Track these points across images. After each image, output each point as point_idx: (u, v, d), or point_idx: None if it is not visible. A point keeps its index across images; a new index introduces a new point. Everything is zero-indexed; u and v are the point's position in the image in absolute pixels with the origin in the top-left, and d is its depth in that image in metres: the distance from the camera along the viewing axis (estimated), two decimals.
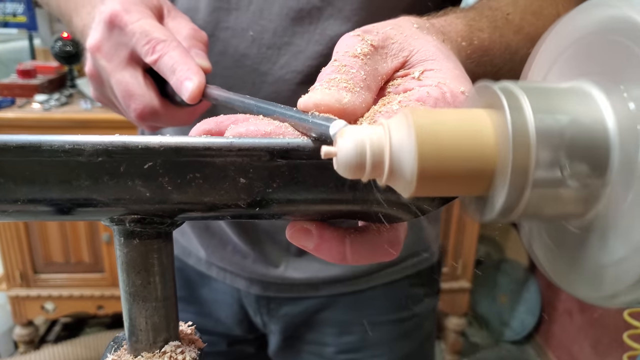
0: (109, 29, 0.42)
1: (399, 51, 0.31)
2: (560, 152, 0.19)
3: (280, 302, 0.69)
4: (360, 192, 0.26)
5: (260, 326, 0.72)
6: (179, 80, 0.40)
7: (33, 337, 1.90)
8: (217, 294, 0.71)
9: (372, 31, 0.31)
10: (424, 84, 0.29)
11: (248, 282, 0.68)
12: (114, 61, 0.43)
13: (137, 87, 0.43)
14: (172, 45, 0.41)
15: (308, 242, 0.28)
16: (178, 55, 0.41)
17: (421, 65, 0.30)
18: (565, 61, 0.22)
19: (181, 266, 0.72)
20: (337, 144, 0.21)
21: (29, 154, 0.23)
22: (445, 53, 0.31)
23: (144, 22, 0.42)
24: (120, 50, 0.43)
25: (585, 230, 0.20)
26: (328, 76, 0.28)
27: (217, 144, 0.24)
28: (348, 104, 0.26)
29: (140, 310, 0.29)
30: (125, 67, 0.43)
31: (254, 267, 0.66)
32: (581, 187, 0.20)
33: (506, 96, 0.19)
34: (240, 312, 0.71)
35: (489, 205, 0.20)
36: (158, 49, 0.41)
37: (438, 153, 0.19)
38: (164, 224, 0.27)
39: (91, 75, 0.46)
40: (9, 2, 2.19)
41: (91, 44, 0.43)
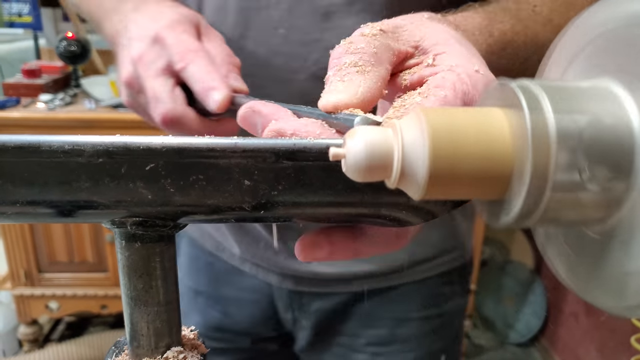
0: (153, 43, 0.45)
1: (409, 37, 0.31)
2: (579, 154, 0.18)
3: (312, 296, 0.69)
4: (369, 195, 0.25)
5: (289, 323, 0.72)
6: (203, 89, 0.42)
7: (37, 336, 1.90)
8: (245, 291, 0.72)
9: (383, 22, 0.31)
10: (437, 69, 0.29)
11: (280, 277, 0.68)
12: (151, 70, 0.45)
13: (164, 93, 0.45)
14: (200, 55, 0.43)
15: (320, 253, 0.28)
16: (205, 65, 0.43)
17: (433, 49, 0.30)
18: (585, 58, 0.21)
19: (213, 262, 0.73)
20: (346, 146, 0.20)
21: (28, 155, 0.22)
22: (456, 37, 0.31)
23: (183, 36, 0.45)
24: (159, 60, 0.45)
25: (607, 236, 0.19)
26: (338, 61, 0.29)
27: (220, 145, 0.23)
28: (365, 93, 0.27)
29: (142, 314, 0.28)
30: (158, 75, 0.45)
31: (286, 262, 0.66)
32: (602, 190, 0.19)
33: (525, 95, 0.18)
34: (269, 309, 0.72)
35: (505, 209, 0.19)
36: (187, 57, 0.43)
37: (452, 154, 0.18)
38: (166, 226, 0.26)
39: (127, 83, 0.48)
40: (14, 3, 2.19)
41: (134, 55, 0.46)
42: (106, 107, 1.69)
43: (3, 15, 2.22)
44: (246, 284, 0.71)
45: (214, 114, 0.43)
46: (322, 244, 0.28)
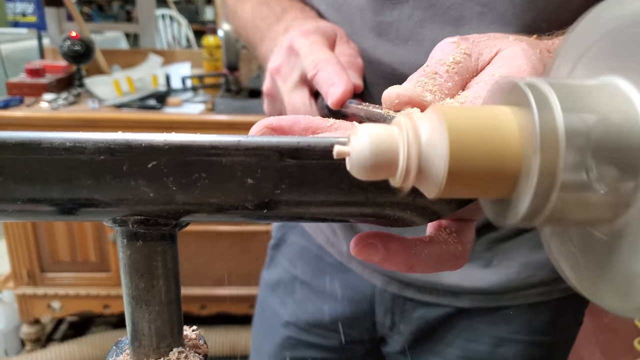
0: (288, 54, 0.48)
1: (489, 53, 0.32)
2: (587, 153, 0.18)
3: (416, 304, 0.68)
4: (373, 194, 0.25)
5: (384, 327, 0.71)
6: (327, 88, 0.44)
7: (40, 336, 1.91)
8: (348, 289, 0.71)
9: (468, 39, 0.32)
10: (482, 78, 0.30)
11: (387, 280, 0.67)
12: (288, 82, 0.48)
13: (302, 106, 0.47)
14: (331, 63, 0.45)
15: (374, 256, 0.28)
16: (333, 70, 0.44)
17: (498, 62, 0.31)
18: (594, 56, 0.21)
19: (321, 255, 0.73)
20: (350, 143, 0.20)
21: (29, 152, 0.22)
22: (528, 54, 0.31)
23: (315, 47, 0.47)
24: (294, 72, 0.48)
25: (615, 237, 0.19)
26: (416, 78, 0.29)
27: (223, 143, 0.23)
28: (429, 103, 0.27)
29: (143, 314, 0.28)
30: (295, 87, 0.48)
31: None
32: (610, 190, 0.18)
33: (533, 93, 0.18)
34: (367, 310, 0.71)
35: (512, 209, 0.19)
36: (319, 65, 0.45)
37: (467, 152, 0.18)
38: (168, 225, 0.26)
39: (268, 94, 0.52)
40: (18, 2, 2.20)
41: (272, 67, 0.49)
42: (110, 107, 1.70)
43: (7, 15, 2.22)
44: (350, 281, 0.71)
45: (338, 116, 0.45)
46: (378, 247, 0.28)
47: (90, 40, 1.84)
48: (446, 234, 0.29)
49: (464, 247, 0.29)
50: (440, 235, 0.29)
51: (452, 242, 0.29)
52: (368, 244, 0.28)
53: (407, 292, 0.67)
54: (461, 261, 0.29)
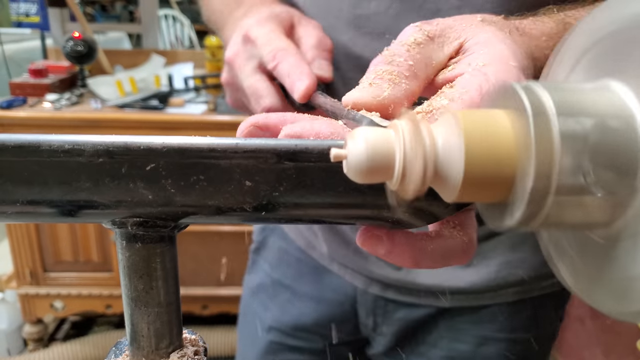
0: (244, 43, 0.48)
1: (455, 39, 0.31)
2: (584, 157, 0.18)
3: (398, 305, 0.68)
4: (371, 196, 0.25)
5: (367, 328, 0.71)
6: (292, 82, 0.44)
7: (42, 335, 1.91)
8: (330, 291, 0.71)
9: (432, 22, 0.32)
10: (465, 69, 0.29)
11: (368, 281, 0.67)
12: (246, 70, 0.48)
13: (264, 89, 0.48)
14: (290, 53, 0.45)
15: (380, 248, 0.28)
16: (294, 61, 0.44)
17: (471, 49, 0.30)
18: (591, 59, 0.20)
19: (302, 257, 0.73)
20: (347, 147, 0.20)
21: (28, 154, 0.22)
22: (500, 37, 0.31)
23: (272, 35, 0.47)
24: (251, 60, 0.48)
25: (612, 240, 0.19)
26: (375, 68, 0.29)
27: (222, 145, 0.23)
28: (386, 99, 0.27)
29: (142, 315, 0.28)
30: (253, 74, 0.48)
31: (375, 267, 0.65)
32: (607, 194, 0.18)
33: (528, 97, 0.18)
34: (350, 311, 0.71)
35: (508, 213, 0.19)
36: (278, 56, 0.45)
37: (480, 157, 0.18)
38: (167, 227, 0.26)
39: (227, 84, 0.52)
40: (22, 3, 2.21)
41: (229, 56, 0.49)
42: (112, 107, 1.70)
43: (11, 15, 2.23)
44: (332, 283, 0.71)
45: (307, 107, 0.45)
46: (384, 239, 0.27)
47: (93, 40, 1.84)
48: (451, 227, 0.29)
49: (470, 239, 0.29)
50: (445, 229, 0.28)
51: (457, 235, 0.28)
52: (374, 236, 0.28)
53: (388, 294, 0.67)
54: (469, 253, 0.28)
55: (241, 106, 0.53)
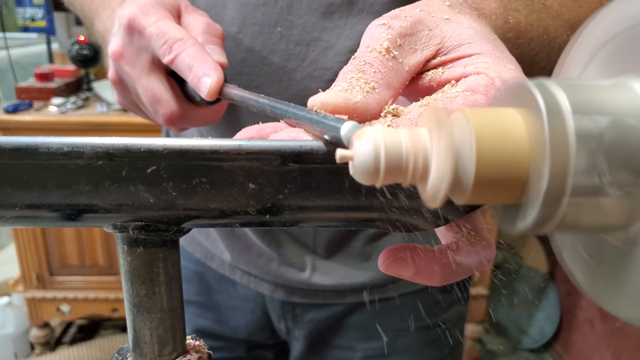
0: (129, 34, 0.42)
1: (429, 39, 0.29)
2: (599, 157, 0.17)
3: (305, 307, 0.68)
4: (378, 199, 0.24)
5: (283, 332, 0.71)
6: (196, 77, 0.40)
7: (49, 339, 1.91)
8: (238, 300, 0.70)
9: (399, 16, 0.29)
10: (468, 71, 0.27)
11: (273, 287, 0.67)
12: (137, 67, 0.43)
13: (163, 93, 0.43)
14: (188, 43, 0.41)
15: (405, 271, 0.26)
16: (195, 52, 0.40)
17: (457, 50, 0.29)
18: (605, 56, 0.20)
19: (202, 271, 0.71)
20: (353, 147, 0.19)
21: (26, 157, 0.22)
22: (482, 33, 0.29)
23: (161, 23, 0.41)
24: (142, 54, 0.43)
25: (630, 244, 0.18)
26: (345, 76, 0.27)
27: (224, 147, 0.22)
28: (359, 104, 0.25)
29: (144, 321, 0.27)
30: (149, 72, 0.43)
31: (279, 270, 0.65)
32: (624, 195, 0.18)
33: (543, 95, 0.17)
34: (262, 318, 0.70)
35: (521, 215, 0.18)
36: (175, 47, 0.41)
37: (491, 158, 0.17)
38: (169, 231, 0.26)
39: (114, 81, 0.46)
40: (28, 7, 2.22)
41: (113, 51, 0.43)
42: (118, 111, 1.70)
43: (17, 20, 2.24)
44: (238, 293, 0.70)
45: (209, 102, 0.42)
46: (409, 262, 0.26)
47: (99, 44, 1.85)
48: (467, 233, 0.28)
49: (488, 240, 0.27)
50: (463, 237, 0.27)
51: (475, 240, 0.27)
52: (398, 259, 0.26)
53: (294, 297, 0.66)
54: (492, 257, 0.27)
55: (133, 108, 0.48)
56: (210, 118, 0.47)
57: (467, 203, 0.18)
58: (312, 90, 0.52)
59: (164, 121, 0.44)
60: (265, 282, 0.67)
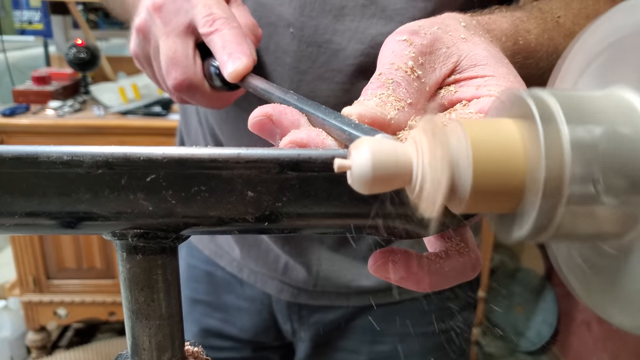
0: None
1: (447, 57, 0.30)
2: (594, 166, 0.18)
3: (311, 309, 0.68)
4: (376, 206, 0.24)
5: (289, 334, 0.71)
6: (227, 56, 0.40)
7: (45, 343, 1.91)
8: (246, 300, 0.70)
9: (418, 32, 0.30)
10: (479, 93, 0.28)
11: (279, 287, 0.67)
12: (170, 25, 0.43)
13: (184, 57, 0.43)
14: (230, 25, 0.42)
15: (394, 274, 0.27)
16: (233, 35, 0.41)
17: (472, 70, 0.29)
18: (599, 66, 0.20)
19: (211, 270, 0.72)
20: (351, 157, 0.19)
21: (26, 166, 0.22)
22: (497, 56, 0.30)
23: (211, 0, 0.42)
24: (180, 15, 0.43)
25: (624, 252, 0.19)
26: (375, 91, 0.27)
27: (223, 156, 0.23)
28: (393, 120, 0.26)
29: (143, 328, 0.27)
30: (179, 34, 0.43)
31: (286, 269, 0.65)
32: (619, 204, 0.18)
33: (537, 105, 0.17)
34: (269, 319, 0.70)
35: (517, 224, 0.19)
36: (217, 23, 0.41)
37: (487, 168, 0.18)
38: (168, 238, 0.26)
39: (140, 30, 0.45)
40: (25, 10, 2.22)
41: (154, 1, 0.43)
42: (115, 114, 1.70)
43: (14, 23, 2.24)
44: (245, 293, 0.70)
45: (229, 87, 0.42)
46: (398, 265, 0.26)
47: (96, 47, 1.85)
48: (456, 244, 0.28)
49: (476, 253, 0.28)
50: (452, 247, 0.28)
51: (464, 251, 0.28)
52: (387, 262, 0.27)
53: (300, 299, 0.66)
54: (478, 267, 0.28)
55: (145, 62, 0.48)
56: (215, 103, 0.47)
57: (464, 212, 0.19)
58: (322, 91, 0.53)
59: (172, 85, 0.44)
60: (272, 282, 0.67)
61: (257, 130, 0.28)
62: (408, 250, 0.27)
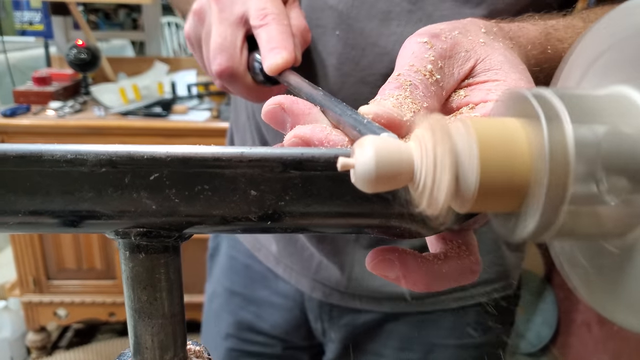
0: None
1: (465, 60, 0.30)
2: (597, 165, 0.18)
3: (342, 310, 0.67)
4: (379, 205, 0.24)
5: (319, 333, 0.71)
6: (269, 49, 0.41)
7: (45, 343, 1.91)
8: (279, 296, 0.71)
9: (440, 36, 0.30)
10: (487, 97, 0.28)
11: (312, 285, 0.67)
12: (225, 13, 0.45)
13: (231, 45, 0.45)
14: (280, 21, 0.43)
15: (391, 272, 0.27)
16: (280, 31, 0.42)
17: (485, 74, 0.29)
18: (603, 65, 0.20)
19: (249, 263, 0.72)
20: (355, 155, 0.19)
21: (30, 164, 0.22)
22: (513, 62, 0.30)
23: None
24: (236, 6, 0.44)
25: (627, 251, 0.19)
26: (392, 92, 0.27)
27: (226, 155, 0.23)
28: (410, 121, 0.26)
29: (146, 327, 0.27)
30: (231, 23, 0.45)
31: (319, 268, 0.65)
32: (622, 203, 0.18)
33: (541, 105, 0.18)
34: (300, 317, 0.71)
35: (521, 223, 0.19)
36: (267, 18, 0.43)
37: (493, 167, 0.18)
38: (171, 237, 0.26)
39: (196, 12, 0.47)
40: (26, 11, 2.22)
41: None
42: (115, 115, 1.70)
43: (15, 24, 2.24)
44: (280, 288, 0.71)
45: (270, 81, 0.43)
46: (395, 264, 0.27)
47: (97, 48, 1.85)
48: (457, 247, 0.28)
49: (476, 258, 0.28)
50: (452, 250, 0.28)
51: (464, 255, 0.28)
52: (385, 260, 0.27)
53: (332, 299, 0.66)
54: (477, 272, 0.28)
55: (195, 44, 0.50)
56: (254, 96, 0.48)
57: (468, 211, 0.19)
58: (364, 95, 0.53)
59: (215, 70, 0.45)
60: (305, 279, 0.67)
61: (269, 119, 0.29)
62: (406, 249, 0.27)
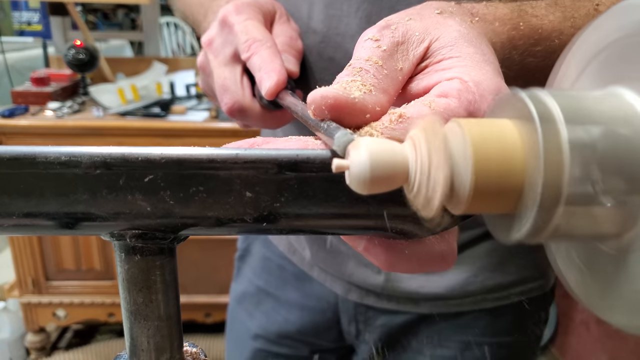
0: (221, 27, 0.47)
1: (420, 42, 0.29)
2: (592, 166, 0.18)
3: (378, 312, 0.67)
4: (374, 206, 0.24)
5: (351, 335, 0.71)
6: (261, 77, 0.43)
7: (44, 344, 1.90)
8: (312, 299, 0.71)
9: (390, 26, 0.30)
10: (443, 76, 0.27)
11: (347, 287, 0.67)
12: (220, 57, 0.47)
13: (232, 83, 0.47)
14: (265, 45, 0.44)
15: (357, 243, 0.28)
16: (267, 55, 0.43)
17: (439, 53, 0.29)
18: (598, 66, 0.20)
19: (283, 264, 0.72)
20: (349, 157, 0.19)
21: (24, 166, 0.22)
22: (467, 36, 0.29)
23: (249, 23, 0.46)
24: (227, 47, 0.47)
25: (623, 252, 0.19)
26: (341, 79, 0.27)
27: (221, 156, 0.23)
28: (357, 100, 0.25)
29: (141, 329, 0.27)
30: (227, 63, 0.47)
31: (354, 270, 0.65)
32: (617, 204, 0.18)
33: (536, 106, 0.17)
34: (332, 318, 0.71)
35: (516, 225, 0.19)
36: (252, 47, 0.44)
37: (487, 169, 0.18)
38: (166, 239, 0.26)
39: (201, 67, 0.51)
40: (24, 11, 2.22)
41: (204, 40, 0.48)
42: (114, 115, 1.70)
43: (13, 24, 2.24)
44: (313, 291, 0.70)
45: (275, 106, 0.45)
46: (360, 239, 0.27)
47: (95, 48, 1.85)
48: None
49: (450, 246, 0.28)
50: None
51: (435, 242, 0.28)
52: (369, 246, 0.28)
53: (367, 300, 0.66)
54: (449, 261, 0.28)
55: (210, 93, 0.52)
56: (270, 122, 0.49)
57: (463, 213, 0.19)
58: None
59: (226, 110, 0.47)
60: (340, 281, 0.67)
61: None
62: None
